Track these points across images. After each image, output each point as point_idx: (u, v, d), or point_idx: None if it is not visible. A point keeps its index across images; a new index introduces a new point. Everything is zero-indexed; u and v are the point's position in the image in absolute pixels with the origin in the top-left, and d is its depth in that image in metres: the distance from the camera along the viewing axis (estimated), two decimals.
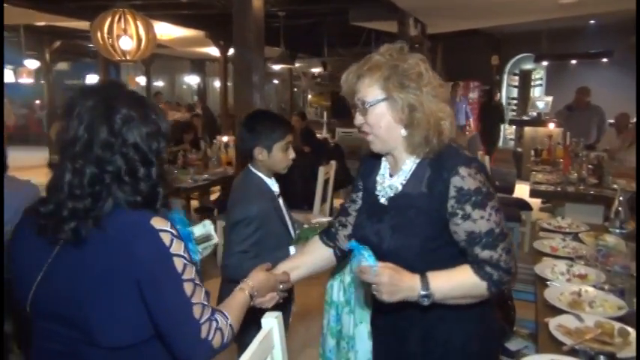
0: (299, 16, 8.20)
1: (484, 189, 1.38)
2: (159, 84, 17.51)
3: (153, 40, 5.60)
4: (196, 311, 1.19)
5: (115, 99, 1.22)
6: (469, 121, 9.98)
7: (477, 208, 1.35)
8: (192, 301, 1.19)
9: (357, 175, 1.66)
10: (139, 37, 5.40)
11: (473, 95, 11.04)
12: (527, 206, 5.08)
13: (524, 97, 11.53)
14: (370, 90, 1.39)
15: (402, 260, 1.36)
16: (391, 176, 1.50)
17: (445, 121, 1.39)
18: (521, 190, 5.51)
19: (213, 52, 10.57)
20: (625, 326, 1.64)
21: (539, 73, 11.69)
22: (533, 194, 4.56)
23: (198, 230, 1.64)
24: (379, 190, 1.51)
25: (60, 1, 6.96)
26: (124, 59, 5.56)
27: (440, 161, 1.40)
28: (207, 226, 1.67)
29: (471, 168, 1.38)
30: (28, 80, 10.83)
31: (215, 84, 16.23)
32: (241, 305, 1.42)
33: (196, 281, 1.21)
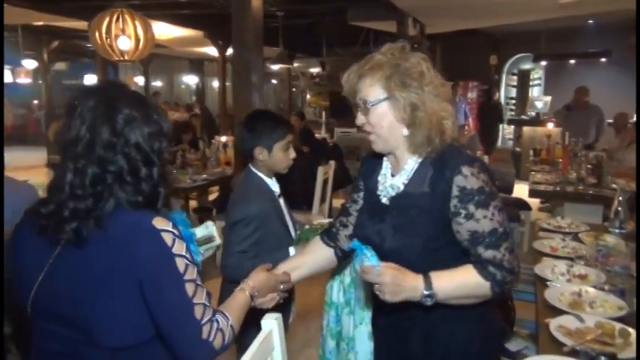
0: (297, 16, 8.19)
1: (487, 188, 1.37)
2: (157, 84, 17.49)
3: (151, 40, 5.60)
4: (198, 312, 1.19)
5: (117, 99, 1.21)
6: (468, 121, 9.98)
7: (480, 207, 1.35)
8: (194, 302, 1.19)
9: (359, 175, 1.65)
10: (137, 37, 5.39)
11: (471, 95, 11.04)
12: (526, 206, 5.07)
13: (522, 96, 11.55)
14: (372, 89, 1.39)
15: (403, 260, 1.36)
16: (393, 176, 1.50)
17: (447, 121, 1.39)
18: (520, 190, 5.51)
19: (211, 52, 10.56)
20: (626, 327, 1.64)
21: (537, 72, 11.69)
22: (532, 194, 4.56)
23: (200, 231, 1.63)
24: (381, 190, 1.51)
25: (58, 1, 6.95)
26: (122, 59, 5.55)
27: (442, 161, 1.40)
28: (209, 228, 1.66)
29: (474, 167, 1.37)
30: (26, 80, 10.81)
31: (213, 84, 16.22)
32: (242, 306, 1.42)
33: (198, 282, 1.21)
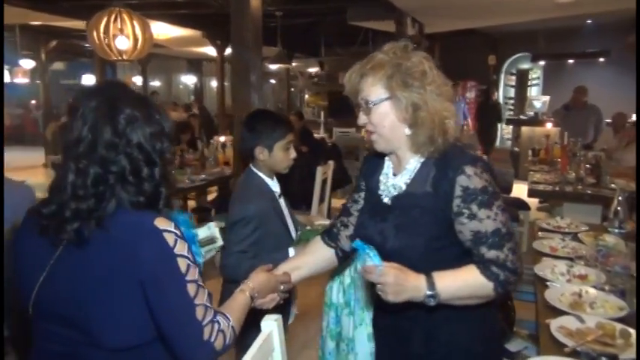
0: (296, 16, 8.17)
1: (490, 188, 1.37)
2: (155, 84, 17.47)
3: (149, 40, 5.58)
4: (199, 313, 1.19)
5: (119, 99, 1.21)
6: (466, 121, 10.00)
7: (483, 207, 1.34)
8: (196, 303, 1.18)
9: (360, 175, 1.65)
10: (135, 37, 5.37)
11: (470, 95, 11.06)
12: (525, 206, 5.07)
13: (521, 96, 11.56)
14: (373, 89, 1.38)
15: (406, 260, 1.35)
16: (395, 175, 1.49)
17: (450, 120, 1.38)
18: (519, 190, 5.51)
19: (210, 51, 10.55)
20: (627, 327, 1.63)
21: (536, 72, 11.71)
22: (531, 194, 4.56)
23: (202, 232, 1.62)
24: (382, 190, 1.50)
25: (56, 1, 6.92)
26: (120, 59, 5.53)
27: (445, 160, 1.39)
28: (211, 229, 1.65)
29: (477, 167, 1.37)
30: (23, 80, 10.77)
31: (212, 84, 16.21)
32: (242, 307, 1.41)
33: (199, 282, 1.21)
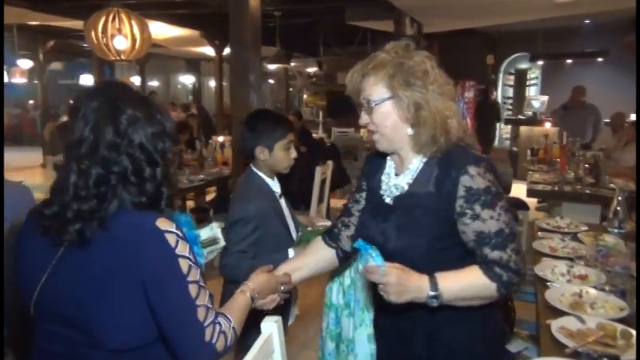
0: (295, 16, 8.17)
1: (493, 188, 1.36)
2: (153, 84, 17.46)
3: (147, 40, 5.57)
4: (201, 314, 1.18)
5: (120, 99, 1.21)
6: (465, 121, 9.99)
7: (486, 207, 1.34)
8: (197, 304, 1.18)
9: (361, 175, 1.64)
10: (133, 37, 5.37)
11: (468, 94, 11.05)
12: (524, 205, 5.05)
13: (519, 96, 11.58)
14: (375, 89, 1.38)
15: (408, 260, 1.34)
16: (397, 175, 1.49)
17: (452, 120, 1.37)
18: (518, 190, 5.50)
19: (208, 51, 10.54)
20: (627, 328, 1.63)
21: (534, 72, 11.73)
22: (530, 194, 4.55)
23: (204, 233, 1.61)
24: (384, 190, 1.50)
25: (54, 1, 6.91)
26: (118, 59, 5.52)
27: (448, 160, 1.38)
28: (214, 229, 1.64)
29: (480, 167, 1.36)
30: (21, 80, 10.75)
31: (210, 84, 16.20)
32: (243, 308, 1.41)
33: (201, 283, 1.20)
